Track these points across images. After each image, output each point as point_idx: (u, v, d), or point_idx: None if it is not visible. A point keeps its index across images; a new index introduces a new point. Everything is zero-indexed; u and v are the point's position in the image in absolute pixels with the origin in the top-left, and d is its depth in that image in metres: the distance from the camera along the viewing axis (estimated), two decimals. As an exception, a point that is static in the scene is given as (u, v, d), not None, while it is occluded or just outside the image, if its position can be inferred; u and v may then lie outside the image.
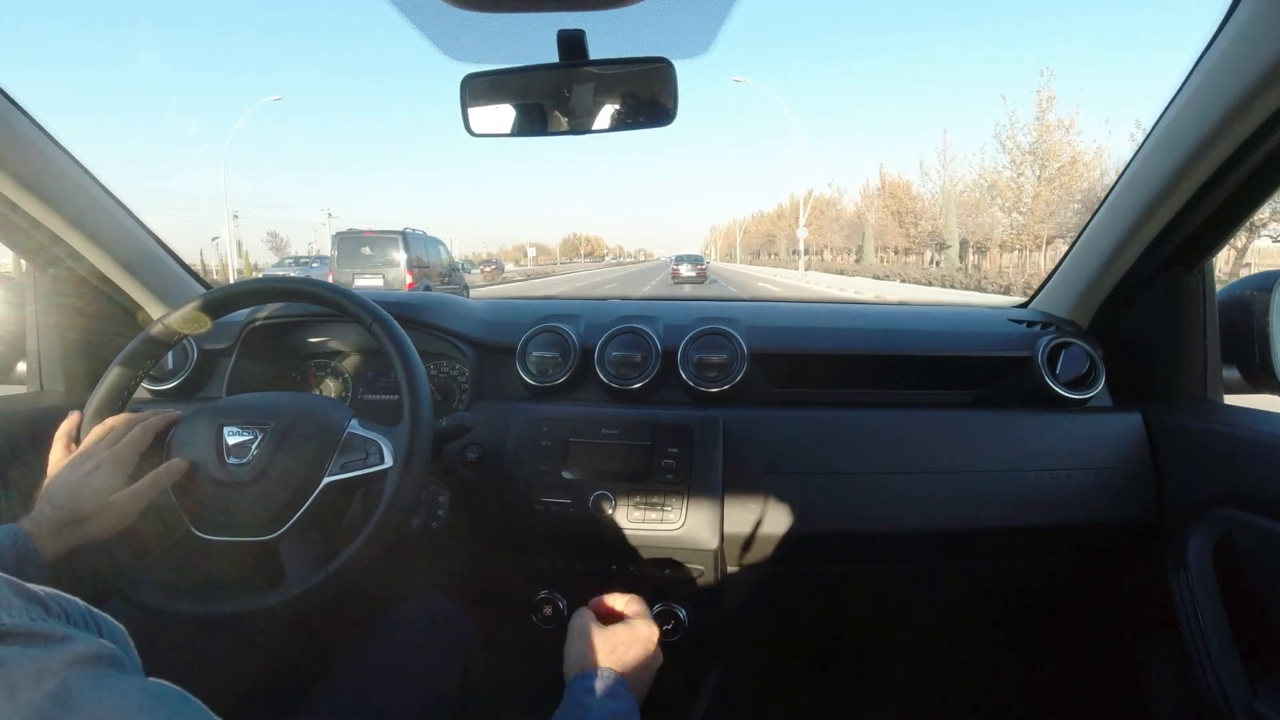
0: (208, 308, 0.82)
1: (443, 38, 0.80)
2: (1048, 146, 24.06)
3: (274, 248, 57.82)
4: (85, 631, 0.37)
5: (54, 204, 0.97)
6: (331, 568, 0.71)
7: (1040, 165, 24.36)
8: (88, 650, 0.34)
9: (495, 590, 1.06)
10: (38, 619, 0.35)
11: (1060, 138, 24.00)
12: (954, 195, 31.35)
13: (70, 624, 0.37)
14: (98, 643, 0.35)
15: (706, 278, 26.07)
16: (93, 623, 0.39)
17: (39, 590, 0.37)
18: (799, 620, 1.17)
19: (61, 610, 0.37)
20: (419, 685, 0.77)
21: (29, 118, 0.92)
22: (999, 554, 1.06)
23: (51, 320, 1.10)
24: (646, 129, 0.86)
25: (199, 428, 0.76)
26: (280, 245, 58.08)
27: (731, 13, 0.75)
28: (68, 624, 0.37)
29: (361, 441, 0.77)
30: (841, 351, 1.11)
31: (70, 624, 0.37)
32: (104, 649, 0.35)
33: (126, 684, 0.34)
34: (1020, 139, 24.91)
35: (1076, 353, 1.05)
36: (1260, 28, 0.69)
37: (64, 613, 0.37)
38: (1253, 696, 0.78)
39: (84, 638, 0.35)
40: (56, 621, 0.36)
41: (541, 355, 1.09)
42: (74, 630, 0.36)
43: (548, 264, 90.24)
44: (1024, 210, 25.12)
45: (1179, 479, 0.96)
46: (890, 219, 39.33)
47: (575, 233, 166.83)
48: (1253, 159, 0.80)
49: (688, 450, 0.97)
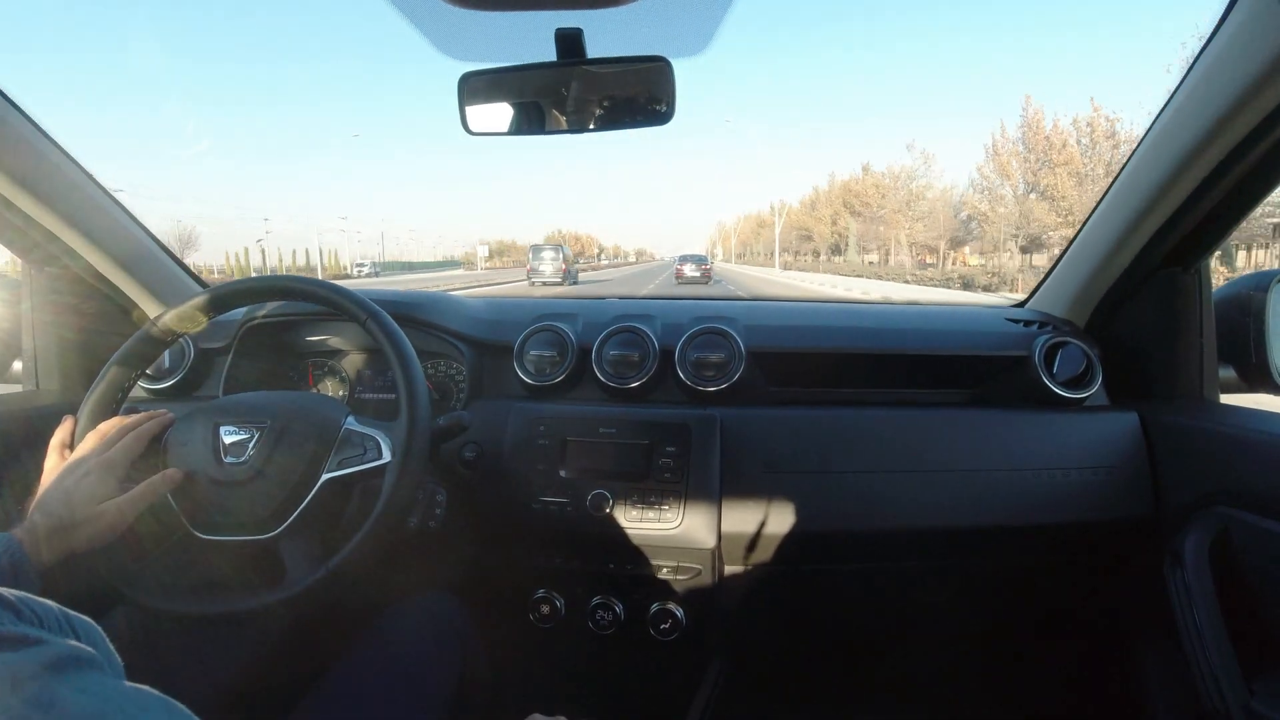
0: (205, 306, 0.82)
1: (441, 36, 0.80)
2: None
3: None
4: (59, 635, 0.36)
5: (48, 201, 0.97)
6: (331, 564, 0.71)
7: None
8: (64, 654, 0.33)
9: (492, 589, 1.06)
10: (8, 623, 0.34)
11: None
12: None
13: (44, 628, 0.36)
14: (73, 646, 0.35)
15: (711, 278, 26.75)
16: (67, 626, 0.38)
17: (9, 595, 0.36)
18: (797, 619, 1.17)
19: (34, 614, 0.37)
20: (416, 685, 0.77)
21: (23, 113, 0.91)
22: (995, 553, 1.06)
23: (47, 319, 1.10)
24: (644, 128, 0.86)
25: (195, 427, 0.76)
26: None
27: (729, 11, 0.75)
28: (40, 628, 0.36)
29: (359, 437, 0.77)
30: (839, 350, 1.11)
31: (44, 628, 0.36)
32: (81, 652, 0.35)
33: (108, 687, 0.34)
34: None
35: (1073, 352, 1.05)
36: (1256, 28, 0.69)
37: (36, 617, 0.37)
38: (1249, 694, 0.78)
39: (58, 642, 0.34)
40: (28, 626, 0.35)
41: (539, 354, 1.09)
42: (47, 634, 0.35)
43: (500, 268, 76.62)
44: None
45: (1175, 478, 0.96)
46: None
47: (559, 230, 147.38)
48: (1249, 159, 0.80)
49: (685, 449, 0.97)
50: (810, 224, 58.74)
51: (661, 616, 1.00)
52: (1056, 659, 1.21)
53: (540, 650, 1.10)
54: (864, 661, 1.24)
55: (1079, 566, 1.10)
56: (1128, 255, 1.00)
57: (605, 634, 1.02)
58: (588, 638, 1.03)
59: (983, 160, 31.85)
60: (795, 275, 36.58)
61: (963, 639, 1.22)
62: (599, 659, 1.11)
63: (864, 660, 1.24)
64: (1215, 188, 0.85)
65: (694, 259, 28.37)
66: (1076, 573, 1.11)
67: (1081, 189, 25.09)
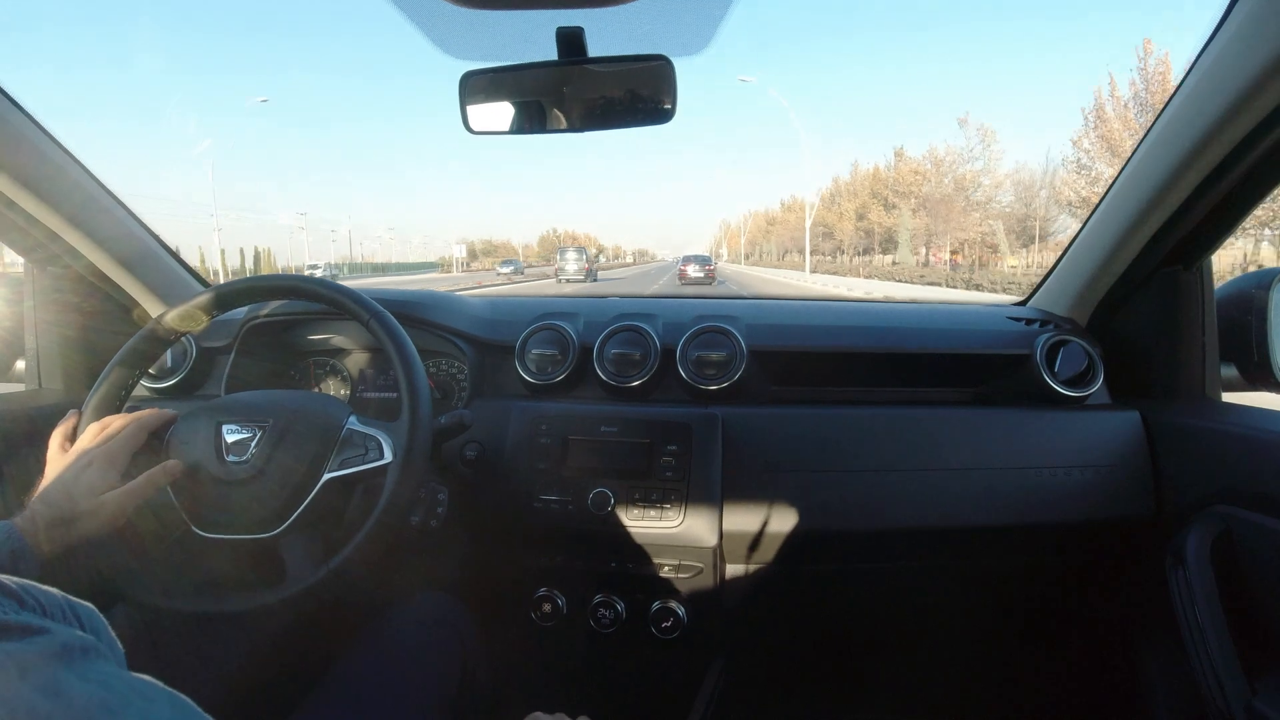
0: (206, 306, 0.82)
1: (442, 35, 0.80)
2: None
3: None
4: (63, 624, 0.36)
5: (50, 200, 0.97)
6: (333, 564, 0.71)
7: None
8: (68, 642, 0.33)
9: (494, 587, 1.06)
10: (11, 612, 0.34)
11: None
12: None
13: (47, 616, 0.36)
14: (77, 635, 0.35)
15: (714, 279, 28.32)
16: (71, 614, 0.38)
17: (11, 583, 0.36)
18: (798, 618, 1.17)
19: (37, 602, 0.36)
20: (418, 683, 0.77)
21: (25, 114, 0.92)
22: (996, 552, 1.06)
23: (50, 318, 1.10)
24: (645, 126, 0.86)
25: (198, 426, 0.76)
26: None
27: (730, 10, 0.75)
28: (44, 616, 0.36)
29: (361, 437, 0.78)
30: (840, 349, 1.11)
31: (47, 616, 0.36)
32: (85, 641, 0.35)
33: (114, 677, 0.34)
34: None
35: (1075, 350, 1.05)
36: (1258, 26, 0.69)
37: (39, 605, 0.37)
38: (1251, 694, 0.78)
39: (62, 630, 0.34)
40: (32, 614, 0.35)
41: (541, 353, 1.09)
42: (51, 623, 0.35)
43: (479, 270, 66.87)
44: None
45: (1177, 476, 0.96)
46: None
47: (554, 229, 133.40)
48: (1251, 157, 0.80)
49: (687, 448, 0.97)
50: (831, 220, 51.76)
51: (663, 615, 1.00)
52: (1058, 658, 1.21)
53: (541, 649, 1.10)
54: (865, 660, 1.25)
55: (1080, 565, 1.10)
56: (1129, 254, 1.00)
57: (606, 633, 1.02)
58: (589, 636, 1.03)
59: (1080, 131, 24.91)
60: (834, 282, 26.99)
61: (964, 638, 1.22)
62: (600, 658, 1.11)
63: (865, 659, 1.24)
64: (1217, 186, 0.85)
65: (698, 259, 30.27)
66: (1078, 572, 1.11)
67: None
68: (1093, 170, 24.59)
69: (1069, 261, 1.14)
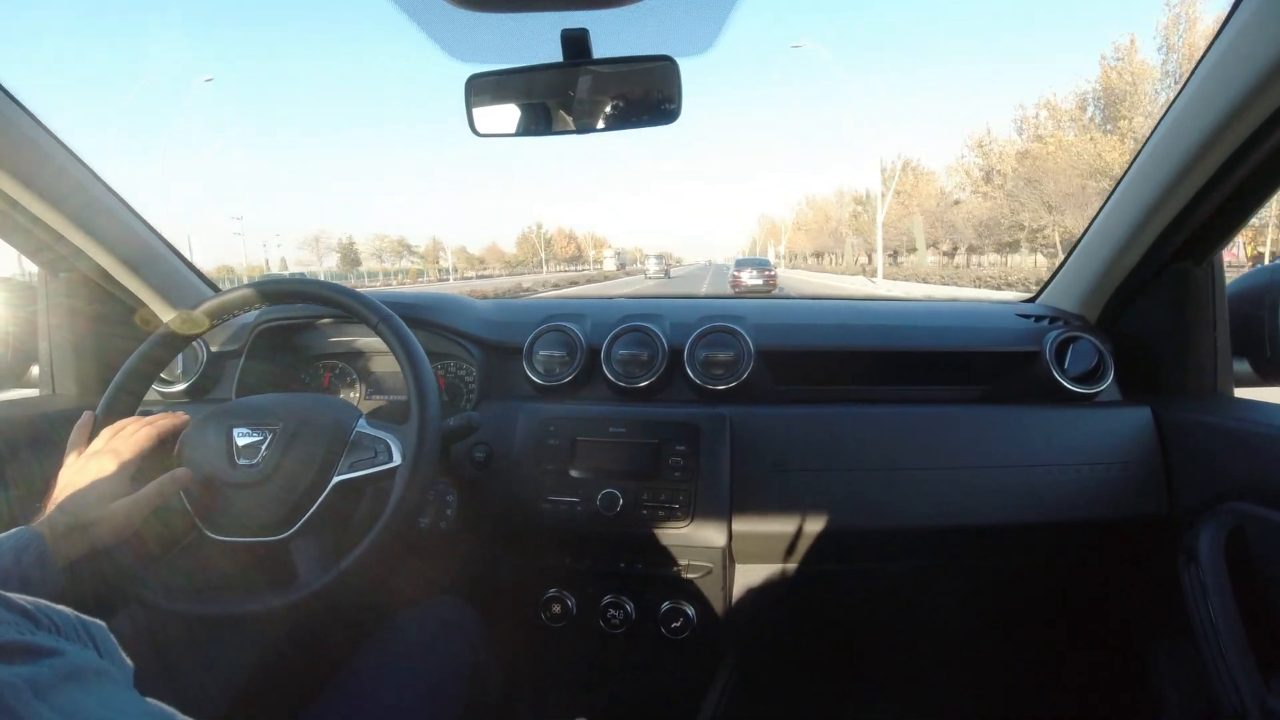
0: (214, 311, 0.83)
1: (446, 38, 0.80)
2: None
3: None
4: (76, 644, 0.36)
5: (55, 202, 0.97)
6: (342, 566, 0.71)
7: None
8: (82, 664, 0.33)
9: (503, 589, 1.06)
10: (27, 632, 0.34)
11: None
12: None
13: (61, 636, 0.36)
14: (91, 656, 0.35)
15: (776, 287, 21.75)
16: (84, 633, 0.38)
17: (25, 602, 0.36)
18: (808, 618, 1.17)
19: (51, 622, 0.36)
20: (429, 686, 0.78)
21: (28, 113, 0.92)
22: (1008, 550, 1.06)
23: (62, 323, 1.11)
24: (651, 127, 0.86)
25: (208, 429, 0.77)
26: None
27: (734, 10, 0.75)
28: (59, 636, 0.36)
29: (370, 440, 0.78)
30: (848, 348, 1.11)
31: (61, 636, 0.36)
32: (98, 663, 0.35)
33: (127, 702, 0.34)
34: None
35: (1085, 347, 1.04)
36: (1266, 21, 0.68)
37: (54, 625, 0.36)
38: (1266, 691, 0.77)
39: (76, 651, 0.34)
40: (47, 634, 0.35)
41: (548, 354, 1.09)
42: (65, 643, 0.35)
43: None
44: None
45: (1189, 473, 0.95)
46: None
47: (536, 224, 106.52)
48: (1261, 151, 0.79)
49: (695, 448, 0.97)
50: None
51: (672, 615, 1.00)
52: (1070, 657, 1.20)
53: (551, 650, 1.10)
54: (876, 659, 1.24)
55: (1092, 563, 1.09)
56: (1139, 249, 0.99)
57: (616, 633, 1.02)
58: (599, 637, 1.03)
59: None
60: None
61: (975, 637, 1.22)
62: (610, 658, 1.12)
63: (876, 658, 1.24)
64: (1227, 181, 0.85)
65: (755, 264, 23.59)
66: (1090, 570, 1.11)
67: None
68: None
69: (1078, 257, 1.14)
